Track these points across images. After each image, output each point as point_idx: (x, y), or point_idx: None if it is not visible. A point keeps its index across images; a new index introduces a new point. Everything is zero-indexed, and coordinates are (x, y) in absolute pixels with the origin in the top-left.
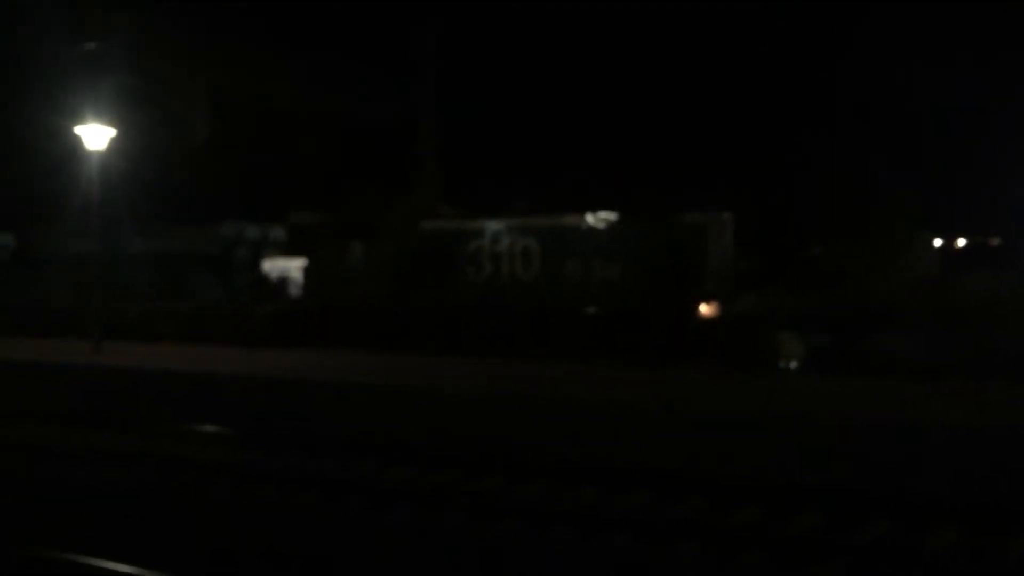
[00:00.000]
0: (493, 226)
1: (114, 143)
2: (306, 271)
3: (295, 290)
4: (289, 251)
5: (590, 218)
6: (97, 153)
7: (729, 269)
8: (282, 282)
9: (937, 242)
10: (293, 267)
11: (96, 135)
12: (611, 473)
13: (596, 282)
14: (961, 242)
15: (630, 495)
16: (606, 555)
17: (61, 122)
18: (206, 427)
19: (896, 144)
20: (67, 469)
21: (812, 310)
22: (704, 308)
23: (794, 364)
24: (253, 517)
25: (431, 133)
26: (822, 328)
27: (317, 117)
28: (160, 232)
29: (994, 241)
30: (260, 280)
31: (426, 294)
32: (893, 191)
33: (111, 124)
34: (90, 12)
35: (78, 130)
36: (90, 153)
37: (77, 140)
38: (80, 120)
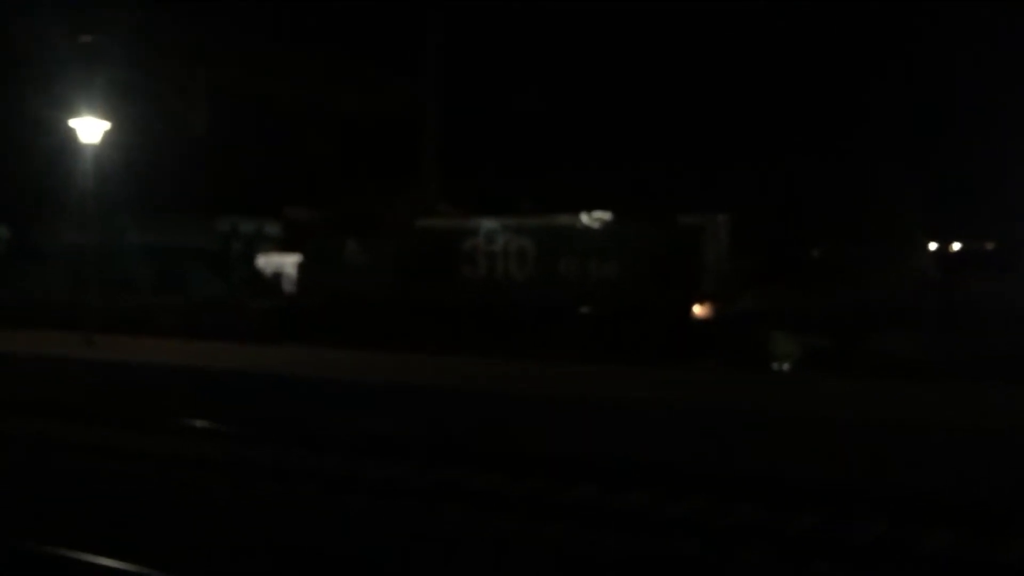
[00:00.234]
0: (488, 225)
1: (110, 136)
2: (300, 267)
3: (289, 286)
4: (284, 247)
5: (585, 218)
6: (91, 146)
7: (725, 270)
8: (276, 278)
9: (932, 245)
10: (288, 263)
11: (90, 128)
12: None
13: (591, 282)
14: (956, 246)
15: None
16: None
17: (56, 115)
18: (194, 422)
19: (895, 147)
20: (40, 460)
21: (811, 311)
22: (698, 309)
23: (786, 365)
24: (244, 512)
25: (432, 129)
26: (821, 329)
27: (316, 112)
28: (156, 226)
29: (989, 245)
30: (254, 275)
31: (422, 292)
32: (893, 194)
33: (106, 117)
34: (86, 5)
35: (72, 123)
36: (84, 146)
37: (71, 133)
38: (74, 113)
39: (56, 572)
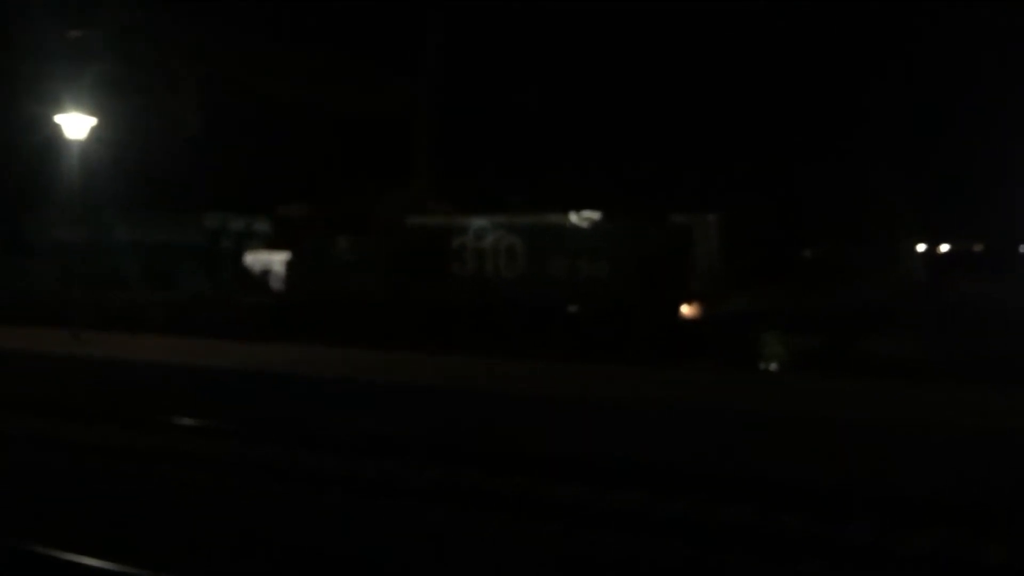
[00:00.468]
0: (477, 223)
1: (98, 132)
2: (290, 264)
3: (277, 283)
4: (273, 244)
5: (575, 217)
6: (78, 142)
7: (715, 270)
8: (264, 275)
9: (921, 247)
10: (276, 260)
11: (77, 124)
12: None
13: (580, 281)
14: (945, 247)
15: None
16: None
17: (45, 111)
18: (179, 419)
19: (886, 150)
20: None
21: (801, 312)
22: (686, 309)
23: (775, 366)
24: (228, 508)
25: (425, 128)
26: (810, 330)
27: (309, 109)
28: (145, 222)
29: (977, 246)
30: (243, 272)
31: (411, 290)
32: (883, 196)
33: (95, 114)
34: (76, 1)
35: (58, 119)
36: (70, 142)
37: (58, 129)
38: (61, 109)
39: (41, 572)
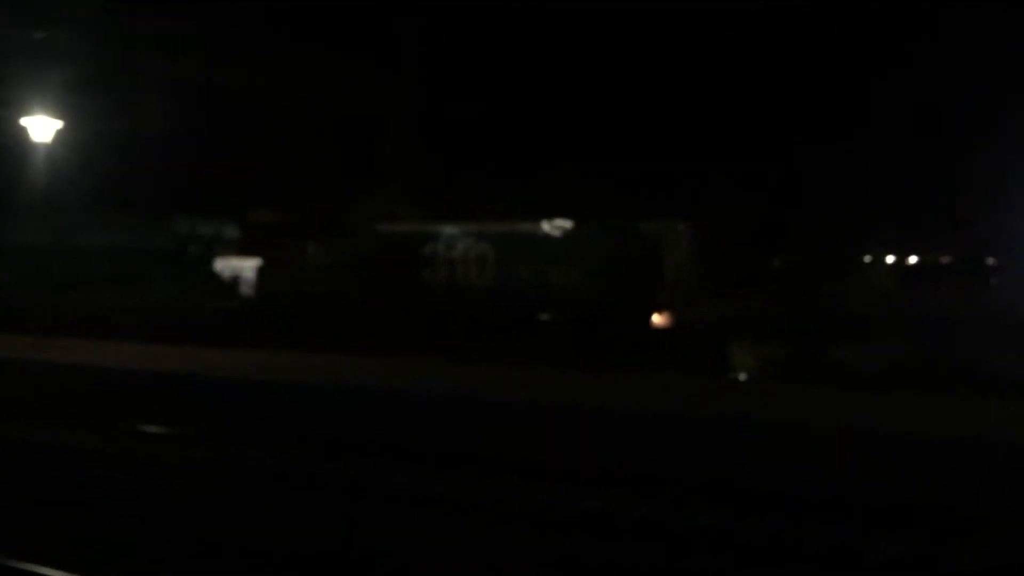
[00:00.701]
0: (448, 230)
1: (63, 134)
2: (260, 270)
3: (247, 289)
4: (243, 250)
5: (546, 225)
6: (43, 145)
7: (686, 278)
8: (234, 281)
9: (890, 258)
10: (246, 267)
11: (42, 127)
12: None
13: (550, 289)
14: (913, 259)
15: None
16: None
17: (7, 113)
18: (131, 425)
19: (855, 161)
20: None
21: (769, 321)
22: (657, 318)
23: (743, 375)
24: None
25: (397, 134)
26: (778, 339)
27: (276, 113)
28: (112, 226)
29: (944, 259)
30: (212, 278)
31: (382, 296)
32: (852, 208)
33: (60, 115)
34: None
35: (24, 121)
36: (36, 145)
37: (23, 131)
38: (26, 111)
39: None
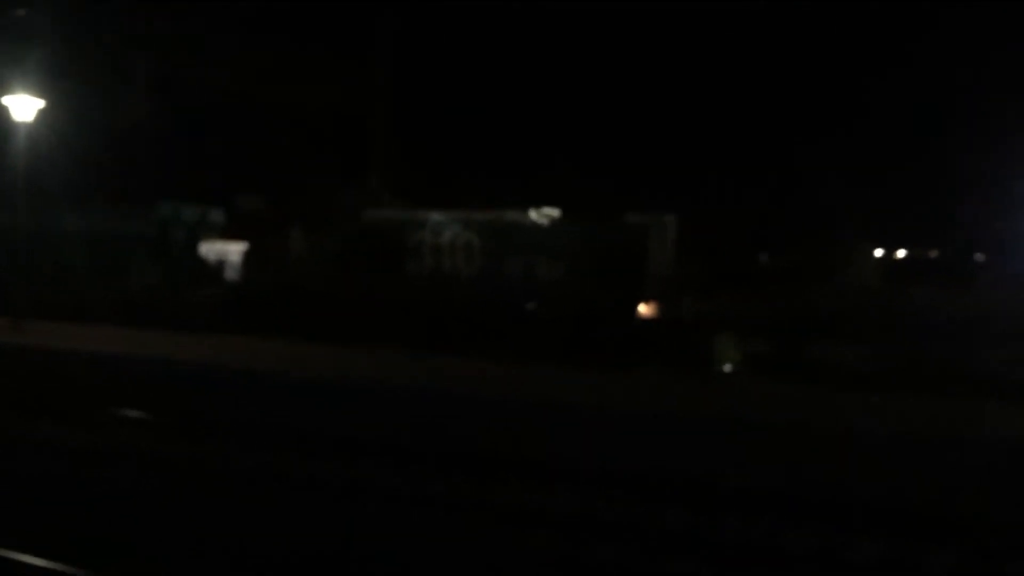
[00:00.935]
0: (435, 218)
1: (45, 117)
2: (246, 256)
3: (232, 273)
4: (229, 234)
5: (533, 214)
6: (24, 124)
7: (671, 271)
8: (220, 265)
9: (878, 252)
10: (232, 251)
11: (24, 106)
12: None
13: (537, 279)
14: (901, 253)
15: None
16: None
17: None
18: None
19: (842, 155)
20: None
21: (755, 316)
22: (643, 309)
23: (728, 368)
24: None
25: (382, 121)
26: (763, 334)
27: (264, 99)
28: (95, 210)
29: (933, 253)
30: (197, 262)
31: (366, 285)
32: (840, 202)
33: (42, 97)
34: None
35: (4, 100)
36: (17, 124)
37: (3, 111)
38: (7, 90)
39: None
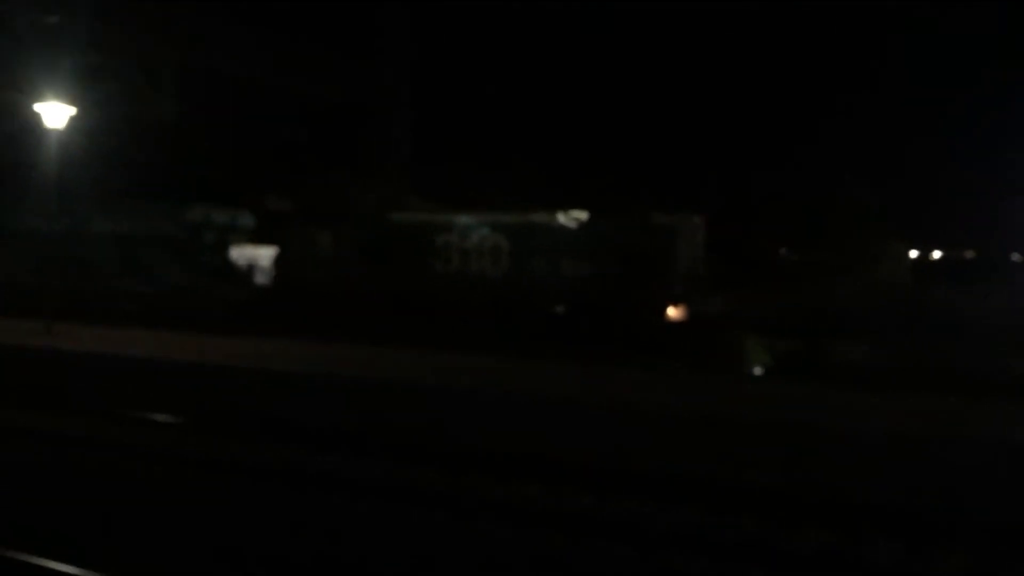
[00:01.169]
0: (463, 221)
1: (76, 120)
2: (276, 259)
3: (262, 278)
4: (258, 238)
5: (561, 216)
6: (56, 131)
7: (700, 271)
8: (249, 269)
9: (913, 253)
10: (262, 255)
11: (55, 113)
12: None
13: (565, 281)
14: (937, 254)
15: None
16: None
17: (20, 97)
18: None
19: (879, 154)
20: None
21: (783, 315)
22: (672, 310)
23: (758, 370)
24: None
25: (405, 123)
26: (792, 333)
27: (288, 101)
28: (125, 213)
29: (968, 254)
30: (228, 266)
31: (395, 286)
32: (872, 201)
33: (72, 100)
34: None
35: (37, 108)
36: (49, 131)
37: (36, 117)
38: (39, 96)
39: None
